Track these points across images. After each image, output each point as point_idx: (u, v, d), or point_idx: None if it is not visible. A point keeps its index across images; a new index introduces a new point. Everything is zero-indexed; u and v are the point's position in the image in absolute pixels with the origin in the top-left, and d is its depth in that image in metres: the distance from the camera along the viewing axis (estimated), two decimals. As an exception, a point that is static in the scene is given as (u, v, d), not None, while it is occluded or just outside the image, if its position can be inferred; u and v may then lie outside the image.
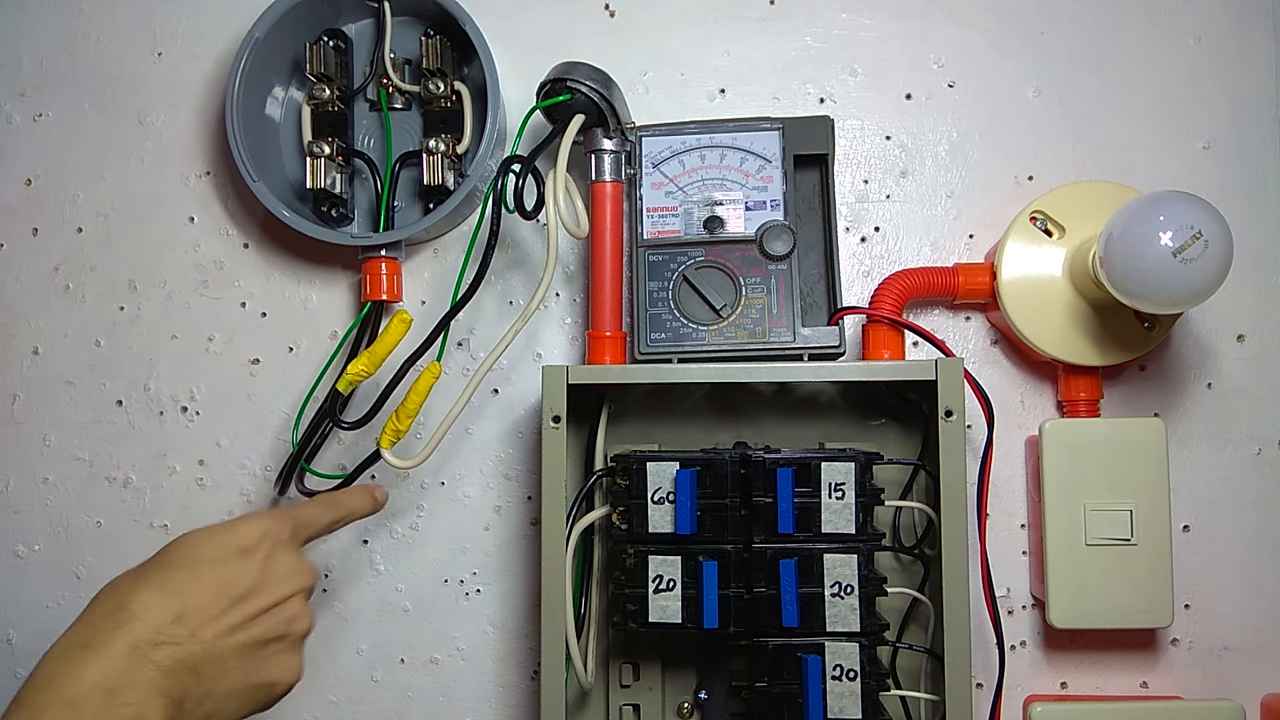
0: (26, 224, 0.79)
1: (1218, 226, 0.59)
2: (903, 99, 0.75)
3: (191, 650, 0.52)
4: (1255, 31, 0.73)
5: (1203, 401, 0.72)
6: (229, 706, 0.54)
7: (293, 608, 0.56)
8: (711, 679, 0.68)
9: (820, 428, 0.71)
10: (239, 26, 0.73)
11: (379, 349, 0.68)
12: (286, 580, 0.56)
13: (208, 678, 0.52)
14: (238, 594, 0.54)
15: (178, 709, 0.51)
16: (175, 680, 0.51)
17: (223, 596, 0.54)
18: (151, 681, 0.50)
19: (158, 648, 0.51)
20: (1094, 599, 0.67)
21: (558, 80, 0.68)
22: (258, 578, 0.55)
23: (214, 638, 0.53)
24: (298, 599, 0.57)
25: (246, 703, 0.55)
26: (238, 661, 0.54)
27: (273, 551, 0.56)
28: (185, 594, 0.52)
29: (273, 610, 0.55)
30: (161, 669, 0.50)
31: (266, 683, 0.55)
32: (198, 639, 0.52)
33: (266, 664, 0.55)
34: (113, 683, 0.49)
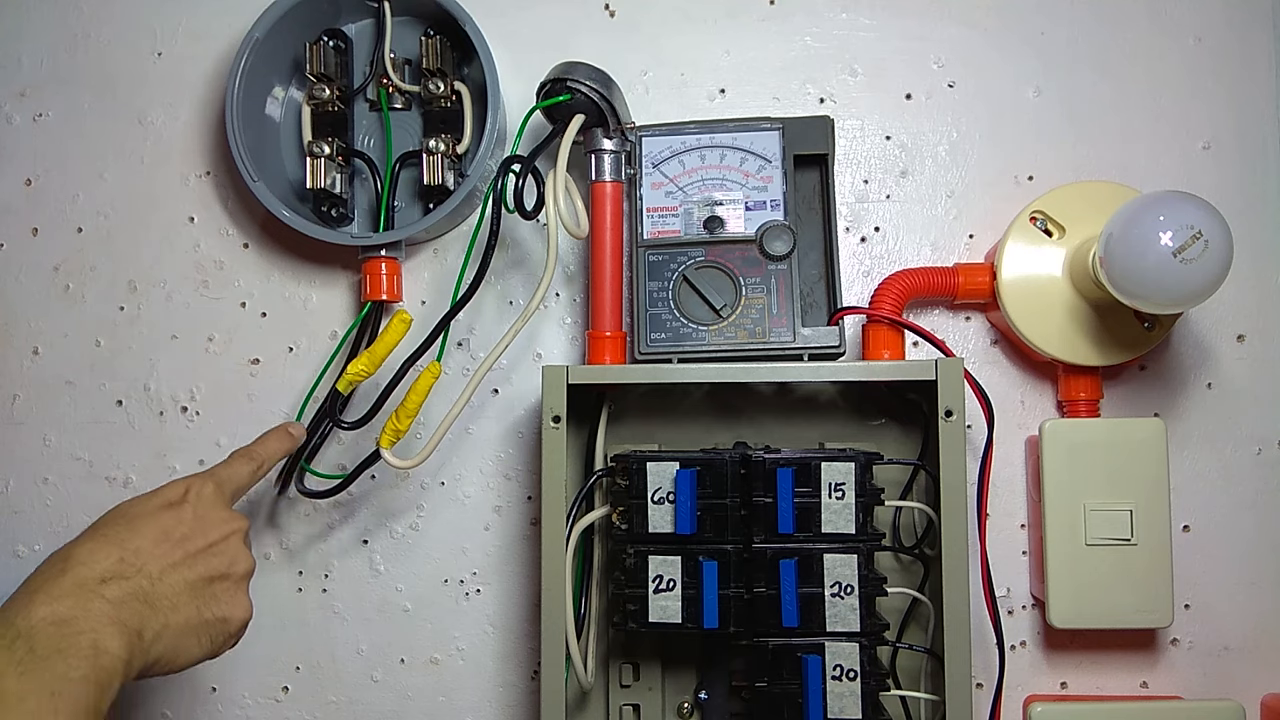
0: (26, 224, 0.79)
1: (1218, 226, 0.59)
2: (903, 99, 0.75)
3: (140, 584, 0.54)
4: (1255, 31, 0.73)
5: (1203, 401, 0.72)
6: (187, 642, 0.55)
7: (231, 547, 0.58)
8: (711, 679, 0.68)
9: (820, 428, 0.70)
10: (239, 26, 0.73)
11: (379, 349, 0.68)
12: (219, 525, 0.58)
13: (161, 610, 0.54)
14: (176, 537, 0.56)
15: (137, 638, 0.52)
16: (129, 610, 0.52)
17: (162, 539, 0.56)
18: (103, 612, 0.51)
19: (105, 583, 0.52)
20: (1094, 599, 0.67)
21: (558, 80, 0.68)
22: (191, 524, 0.57)
23: (160, 573, 0.55)
24: (234, 539, 0.59)
25: (204, 639, 0.56)
26: (188, 597, 0.55)
27: (199, 502, 0.58)
28: (125, 540, 0.55)
29: (211, 549, 0.57)
30: (112, 601, 0.52)
31: (219, 618, 0.57)
32: (144, 574, 0.54)
33: (216, 600, 0.57)
34: (63, 615, 0.50)
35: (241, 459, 0.64)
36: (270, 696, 0.76)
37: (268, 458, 0.65)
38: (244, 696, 0.76)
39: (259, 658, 0.76)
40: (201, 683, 0.76)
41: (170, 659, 0.55)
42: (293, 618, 0.76)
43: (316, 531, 0.76)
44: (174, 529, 0.57)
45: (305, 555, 0.76)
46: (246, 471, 0.63)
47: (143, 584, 0.54)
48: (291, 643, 0.76)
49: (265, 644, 0.76)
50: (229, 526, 0.59)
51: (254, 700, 0.76)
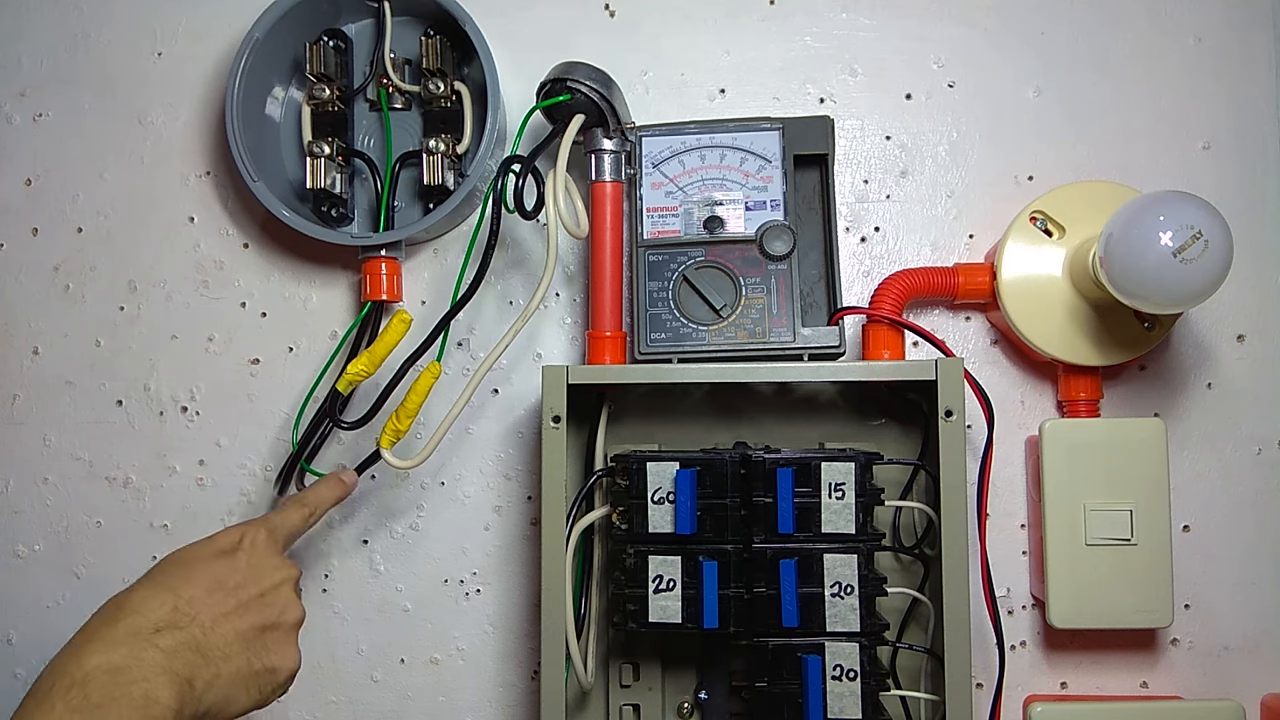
0: (26, 224, 0.79)
1: (1218, 226, 0.59)
2: (903, 99, 0.75)
3: (192, 634, 0.54)
4: (1255, 31, 0.73)
5: (1203, 401, 0.72)
6: (237, 692, 0.55)
7: (282, 597, 0.59)
8: (711, 679, 0.68)
9: (820, 428, 0.70)
10: (239, 26, 0.73)
11: (379, 349, 0.68)
12: (271, 573, 0.59)
13: (213, 660, 0.54)
14: (229, 586, 0.57)
15: (188, 688, 0.52)
16: (181, 660, 0.52)
17: (215, 588, 0.56)
18: (156, 662, 0.51)
19: (159, 633, 0.52)
20: (1094, 599, 0.67)
21: (558, 80, 0.68)
22: (245, 572, 0.58)
23: (212, 622, 0.55)
24: (285, 589, 0.59)
25: (253, 689, 0.56)
26: (239, 647, 0.55)
27: (253, 550, 0.59)
28: (178, 589, 0.55)
29: (263, 598, 0.58)
30: (165, 650, 0.52)
31: (269, 668, 0.57)
32: (197, 623, 0.54)
33: (266, 650, 0.57)
34: (117, 664, 0.50)
35: (295, 506, 0.65)
36: (270, 696, 0.76)
37: (319, 504, 0.66)
38: (244, 696, 0.76)
39: (259, 658, 0.76)
40: (201, 683, 0.76)
41: (220, 709, 0.55)
42: (293, 618, 0.76)
43: (316, 531, 0.76)
44: (228, 578, 0.57)
45: (305, 555, 0.76)
46: (299, 518, 0.64)
47: (195, 634, 0.54)
48: (291, 643, 0.76)
49: (265, 644, 0.76)
50: (280, 574, 0.59)
51: (254, 700, 0.76)
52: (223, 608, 0.56)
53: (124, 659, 0.51)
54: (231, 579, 0.57)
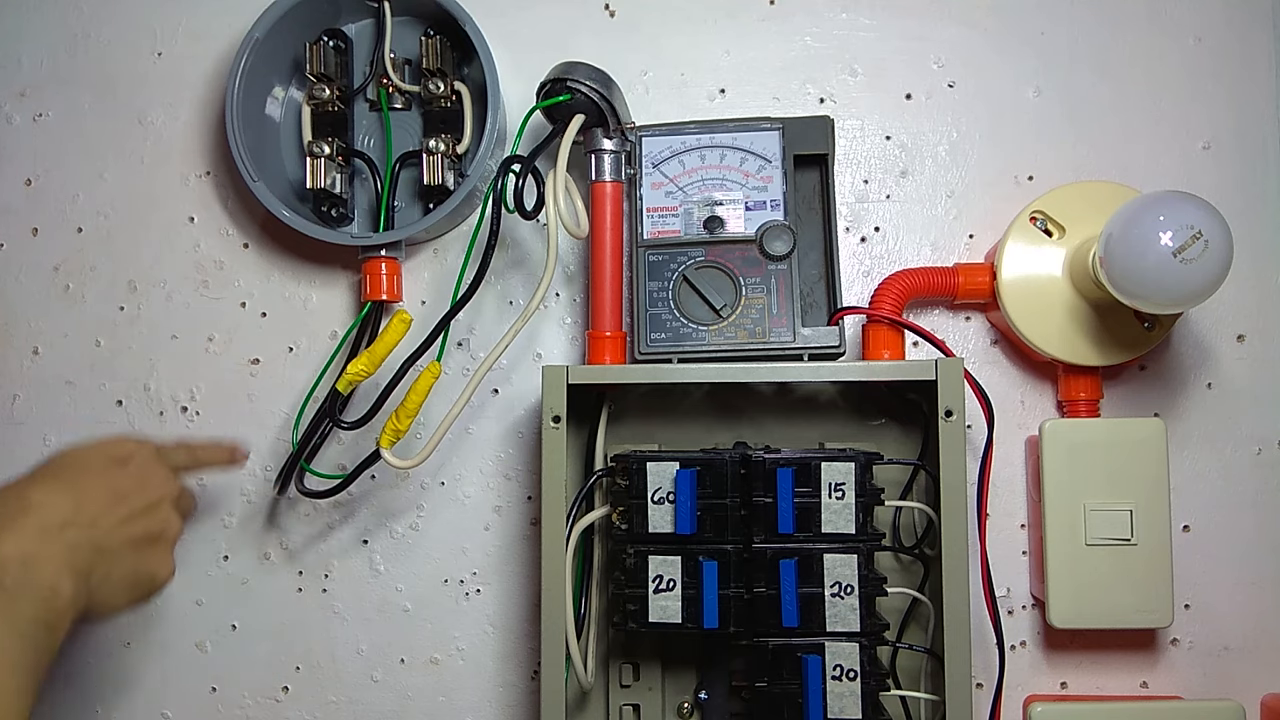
0: (26, 224, 0.79)
1: (1218, 226, 0.59)
2: (903, 99, 0.75)
3: (92, 534, 0.58)
4: (1255, 31, 0.73)
5: (1203, 401, 0.72)
6: (120, 592, 0.60)
7: (165, 510, 0.63)
8: (711, 679, 0.68)
9: (820, 428, 0.70)
10: (239, 26, 0.73)
11: (379, 349, 0.68)
12: (158, 487, 0.63)
13: (105, 561, 0.58)
14: (121, 492, 0.60)
15: (84, 582, 0.57)
16: (80, 556, 0.57)
17: (111, 493, 0.60)
18: (61, 557, 0.56)
19: (64, 529, 0.56)
20: (1094, 599, 0.67)
21: (558, 80, 0.68)
22: (135, 481, 0.61)
23: (110, 526, 0.59)
24: (167, 504, 0.63)
25: (134, 591, 0.61)
26: (127, 552, 0.60)
27: (143, 463, 0.63)
28: (78, 490, 0.59)
29: (150, 510, 0.61)
30: (68, 546, 0.56)
31: (149, 574, 0.61)
32: (95, 525, 0.58)
33: (147, 558, 0.61)
34: (28, 555, 0.54)
35: (181, 450, 0.67)
36: (270, 696, 0.76)
37: (203, 461, 0.69)
38: (244, 696, 0.76)
39: (259, 658, 0.76)
40: (201, 683, 0.76)
41: (103, 605, 0.59)
42: (293, 618, 0.76)
43: (316, 531, 0.76)
44: (120, 484, 0.61)
45: (305, 555, 0.76)
46: (182, 459, 0.67)
47: (95, 534, 0.58)
48: (291, 643, 0.76)
49: (265, 644, 0.76)
50: (165, 489, 0.63)
51: (254, 700, 0.76)
52: (116, 513, 0.59)
53: (34, 551, 0.55)
54: (123, 486, 0.61)
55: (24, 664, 0.53)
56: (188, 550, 0.76)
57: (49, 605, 0.54)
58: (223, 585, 0.76)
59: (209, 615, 0.76)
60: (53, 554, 0.55)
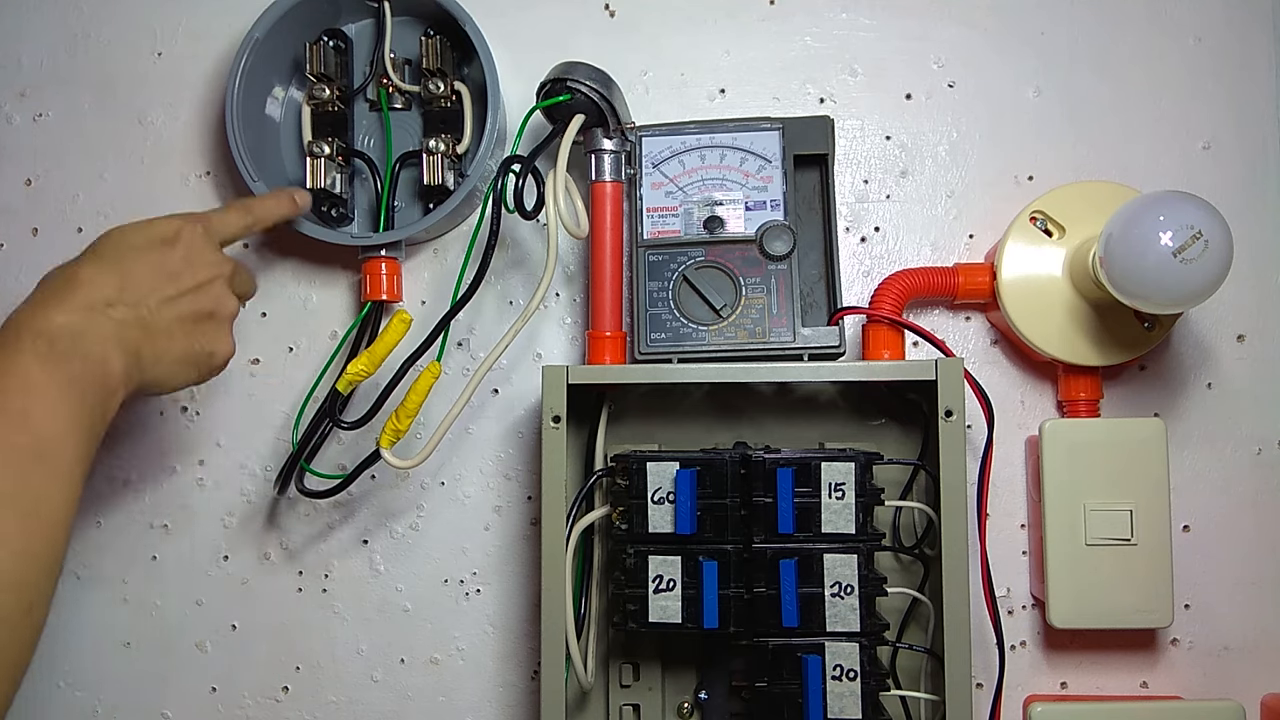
0: (26, 224, 0.79)
1: (1218, 226, 0.59)
2: (903, 99, 0.75)
3: (139, 313, 0.57)
4: (1255, 31, 0.73)
5: (1203, 401, 0.72)
6: (178, 369, 0.60)
7: (217, 289, 0.62)
8: (711, 679, 0.68)
9: (820, 428, 0.71)
10: (239, 26, 0.73)
11: (379, 349, 0.68)
12: (209, 266, 0.61)
13: (157, 338, 0.58)
14: (169, 272, 0.59)
15: (135, 359, 0.57)
16: (130, 333, 0.57)
17: (158, 273, 0.59)
18: (109, 331, 0.56)
19: (111, 307, 0.56)
20: (1094, 599, 0.67)
21: (558, 80, 0.68)
22: (183, 262, 0.60)
23: (157, 305, 0.58)
24: (220, 283, 0.62)
25: (190, 368, 0.61)
26: (179, 329, 0.59)
27: (191, 242, 0.61)
28: (124, 270, 0.58)
29: (200, 289, 0.61)
30: (116, 323, 0.56)
31: (206, 351, 0.61)
32: (143, 304, 0.58)
33: (203, 335, 0.61)
34: (77, 328, 0.54)
35: (237, 210, 0.66)
36: (270, 696, 0.76)
37: (263, 216, 0.67)
38: (244, 696, 0.76)
39: (259, 658, 0.76)
40: (201, 683, 0.76)
41: (162, 382, 0.59)
42: (293, 618, 0.76)
43: (316, 531, 0.76)
44: (166, 263, 0.59)
45: (305, 555, 0.76)
46: (239, 224, 0.65)
47: (141, 313, 0.57)
48: (291, 643, 0.76)
49: (265, 644, 0.76)
50: (216, 269, 0.62)
51: (254, 700, 0.76)
52: (165, 292, 0.59)
53: (83, 324, 0.55)
54: (170, 266, 0.59)
55: (82, 421, 0.53)
56: (188, 550, 0.76)
57: (103, 373, 0.55)
58: (223, 585, 0.76)
59: (209, 615, 0.76)
60: (101, 329, 0.55)
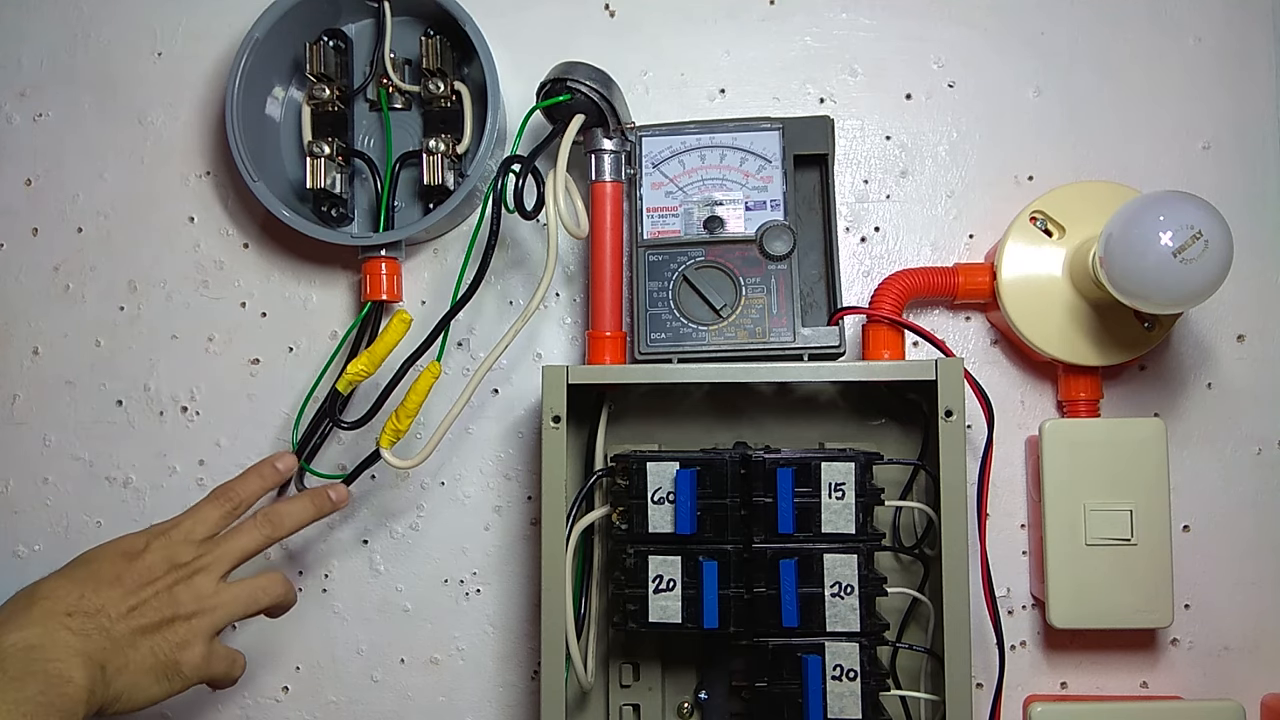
0: (26, 224, 0.79)
1: (1218, 226, 0.59)
2: (903, 99, 0.75)
3: (100, 622, 0.58)
4: (1255, 31, 0.73)
5: (1203, 401, 0.72)
6: (146, 681, 0.59)
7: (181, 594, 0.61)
8: (711, 679, 0.68)
9: (820, 428, 0.70)
10: (239, 26, 0.73)
11: (379, 349, 0.68)
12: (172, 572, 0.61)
13: (120, 649, 0.58)
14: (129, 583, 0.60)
15: (99, 671, 0.56)
16: (93, 644, 0.56)
17: (116, 584, 0.60)
18: (69, 643, 0.55)
19: (70, 616, 0.56)
20: (1094, 599, 0.67)
21: (558, 80, 0.68)
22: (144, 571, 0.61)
23: (118, 614, 0.58)
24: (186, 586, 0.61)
25: (162, 680, 0.60)
26: (143, 638, 0.59)
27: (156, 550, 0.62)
28: (83, 581, 0.59)
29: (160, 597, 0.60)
30: (77, 633, 0.56)
31: (172, 660, 0.60)
32: (104, 613, 0.58)
33: (167, 644, 0.60)
34: (30, 642, 0.54)
35: (213, 503, 0.66)
36: (270, 696, 0.76)
37: (245, 499, 0.67)
38: (244, 696, 0.76)
39: (259, 658, 0.76)
40: (201, 683, 0.76)
41: (130, 696, 0.58)
42: (293, 618, 0.76)
43: (316, 531, 0.76)
44: (127, 575, 0.60)
45: (305, 555, 0.76)
46: (216, 516, 0.65)
47: (103, 622, 0.58)
48: (291, 643, 0.76)
49: (265, 644, 0.76)
50: (181, 573, 0.62)
51: (254, 700, 0.76)
52: (126, 602, 0.59)
53: (39, 638, 0.54)
54: (130, 577, 0.60)
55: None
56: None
57: (60, 693, 0.53)
58: (223, 585, 0.76)
59: (209, 615, 0.76)
60: (60, 641, 0.55)
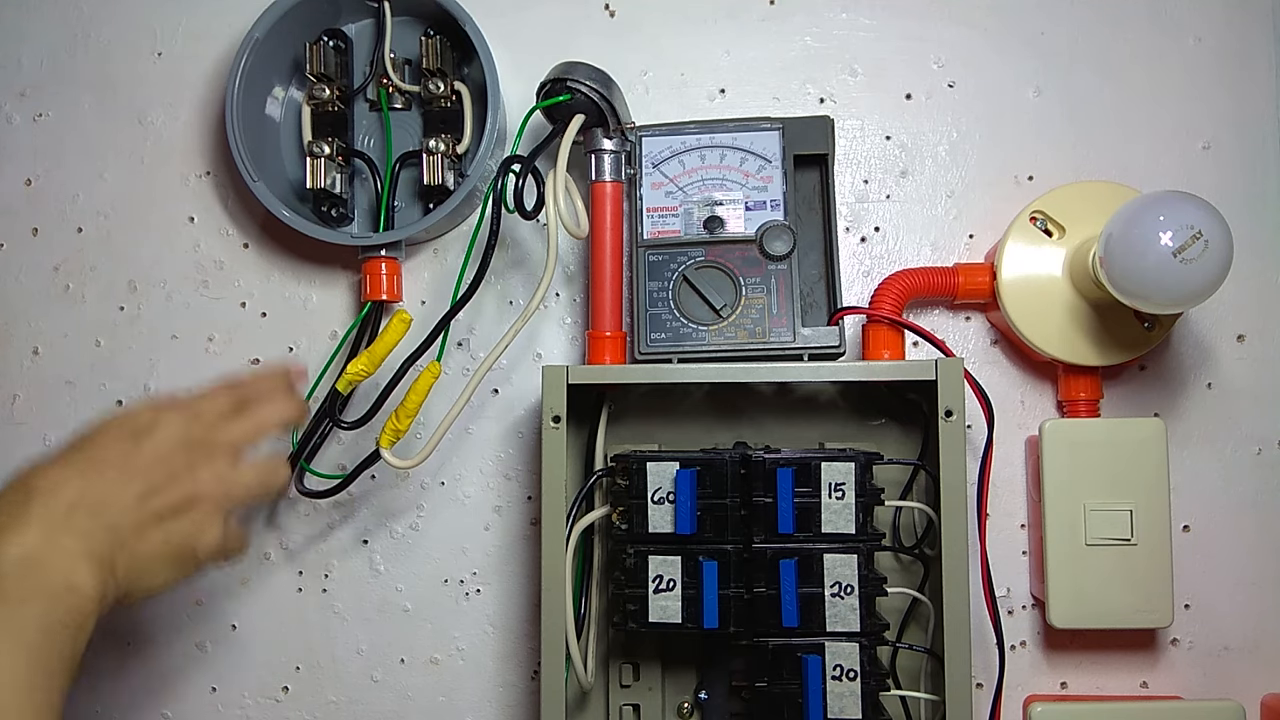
0: (26, 224, 0.79)
1: (1218, 226, 0.59)
2: (903, 99, 0.75)
3: (107, 517, 0.53)
4: (1255, 31, 0.73)
5: (1203, 401, 0.72)
6: (157, 569, 0.55)
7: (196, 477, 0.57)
8: (711, 679, 0.68)
9: (820, 428, 0.70)
10: (239, 26, 0.73)
11: (379, 349, 0.68)
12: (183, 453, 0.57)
13: (128, 542, 0.53)
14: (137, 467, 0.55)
15: (109, 571, 0.52)
16: (98, 542, 0.52)
17: (123, 469, 0.54)
18: (71, 549, 0.51)
19: (73, 513, 0.51)
20: (1094, 599, 0.67)
21: (558, 80, 0.68)
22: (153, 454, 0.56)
23: (123, 505, 0.54)
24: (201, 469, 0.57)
25: (174, 566, 0.56)
26: (153, 527, 0.55)
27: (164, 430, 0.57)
28: (86, 470, 0.53)
29: (173, 479, 0.56)
30: (80, 533, 0.51)
31: (187, 546, 0.56)
32: (108, 505, 0.53)
33: (180, 530, 0.56)
34: (31, 553, 0.50)
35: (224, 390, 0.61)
36: (270, 696, 0.76)
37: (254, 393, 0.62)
38: (244, 696, 0.76)
39: (259, 658, 0.76)
40: (201, 683, 0.76)
41: (142, 587, 0.55)
42: (293, 618, 0.76)
43: (316, 531, 0.76)
44: (135, 457, 0.55)
45: (305, 555, 0.76)
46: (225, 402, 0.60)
47: (110, 516, 0.53)
48: (291, 643, 0.76)
49: (265, 644, 0.76)
50: (193, 454, 0.57)
51: (254, 700, 0.76)
52: (133, 488, 0.54)
53: (39, 545, 0.50)
54: (139, 460, 0.55)
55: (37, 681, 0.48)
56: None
57: (66, 605, 0.49)
58: (223, 585, 0.76)
59: (209, 615, 0.76)
60: (63, 546, 0.50)
